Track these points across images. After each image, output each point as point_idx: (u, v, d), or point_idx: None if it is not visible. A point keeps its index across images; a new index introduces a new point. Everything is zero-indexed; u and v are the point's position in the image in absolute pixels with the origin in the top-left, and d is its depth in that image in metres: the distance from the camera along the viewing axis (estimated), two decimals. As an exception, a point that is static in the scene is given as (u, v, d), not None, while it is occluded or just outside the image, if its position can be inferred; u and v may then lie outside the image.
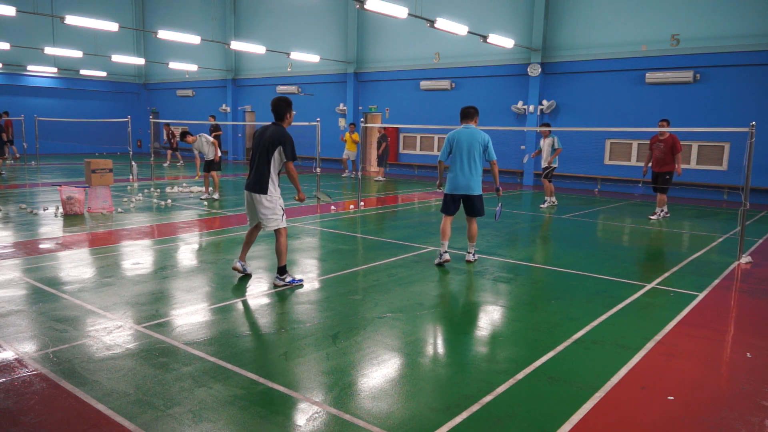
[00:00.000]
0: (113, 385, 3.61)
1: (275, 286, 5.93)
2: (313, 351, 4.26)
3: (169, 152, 23.85)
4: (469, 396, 3.55)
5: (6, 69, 26.81)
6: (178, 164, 23.37)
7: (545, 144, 12.63)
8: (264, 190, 5.80)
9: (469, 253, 7.35)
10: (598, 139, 17.42)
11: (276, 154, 5.75)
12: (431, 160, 21.22)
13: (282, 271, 5.96)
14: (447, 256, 7.07)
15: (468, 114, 7.10)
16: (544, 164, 12.78)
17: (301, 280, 6.11)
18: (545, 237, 9.45)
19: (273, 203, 5.85)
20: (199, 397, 3.47)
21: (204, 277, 6.31)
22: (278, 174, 5.89)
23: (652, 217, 11.36)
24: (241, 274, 6.30)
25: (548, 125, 12.56)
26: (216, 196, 12.83)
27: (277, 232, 5.96)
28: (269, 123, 5.97)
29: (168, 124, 23.70)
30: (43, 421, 3.18)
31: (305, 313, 5.19)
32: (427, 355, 4.25)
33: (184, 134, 12.93)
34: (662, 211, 11.57)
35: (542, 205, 12.79)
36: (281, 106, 5.86)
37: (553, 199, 13.08)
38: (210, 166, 12.70)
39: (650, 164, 11.42)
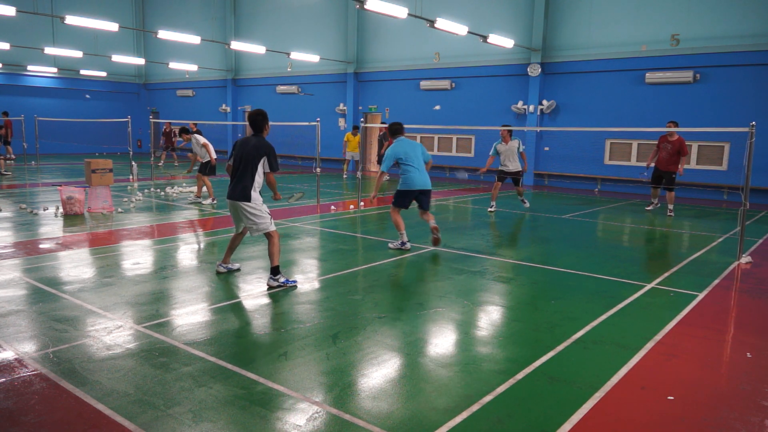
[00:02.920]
0: (113, 385, 3.61)
1: (269, 287, 5.94)
2: (313, 351, 4.26)
3: (164, 153, 23.52)
4: (469, 396, 3.55)
5: (6, 69, 26.81)
6: (175, 164, 23.33)
7: (509, 148, 11.60)
8: (247, 198, 5.88)
9: (433, 225, 7.95)
10: (598, 139, 17.41)
11: (260, 164, 5.88)
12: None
13: (275, 271, 5.97)
14: (408, 245, 7.94)
15: (400, 130, 8.19)
16: (514, 168, 11.69)
17: (295, 282, 6.07)
18: (545, 237, 9.45)
19: (258, 208, 5.94)
20: (199, 397, 3.47)
21: (204, 277, 6.31)
22: (261, 183, 6.01)
23: (670, 214, 11.82)
24: (226, 272, 6.39)
25: (509, 126, 11.68)
26: (206, 201, 12.03)
27: (267, 235, 6.02)
28: (250, 134, 6.07)
29: (169, 123, 23.56)
30: (43, 421, 3.19)
31: (305, 313, 5.19)
32: (427, 355, 4.25)
33: (182, 131, 12.45)
34: (656, 204, 12.51)
35: (501, 206, 12.09)
36: (258, 120, 5.97)
37: (523, 198, 12.33)
38: (204, 169, 11.93)
39: (653, 162, 12.06)
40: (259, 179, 5.93)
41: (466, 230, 9.81)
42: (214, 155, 12.05)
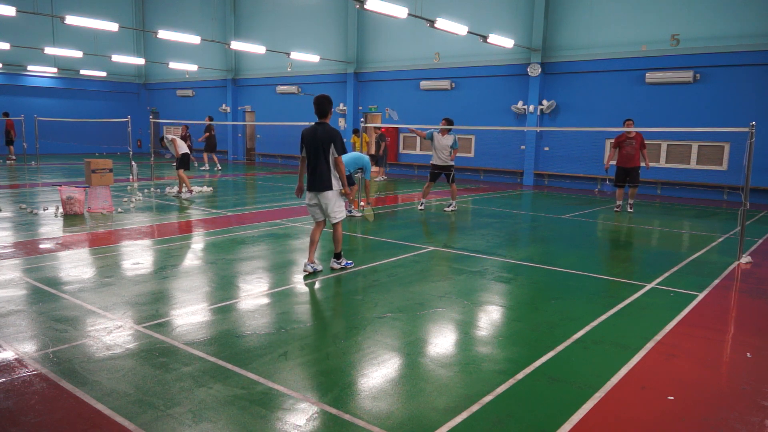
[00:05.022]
0: (113, 385, 3.61)
1: (332, 269, 6.57)
2: (313, 351, 4.26)
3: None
4: (469, 396, 3.55)
5: (6, 69, 26.81)
6: (195, 164, 23.43)
7: (443, 142, 11.49)
8: (330, 187, 6.24)
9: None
10: (597, 139, 17.41)
11: (330, 150, 6.14)
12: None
13: (339, 255, 6.61)
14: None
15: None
16: (437, 162, 11.66)
17: (352, 263, 6.77)
18: (545, 237, 9.45)
19: (338, 197, 6.32)
20: (199, 397, 3.47)
21: (204, 277, 6.31)
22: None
23: (630, 210, 12.04)
24: (312, 272, 6.50)
25: (450, 122, 11.50)
26: (182, 194, 12.88)
27: (336, 223, 6.46)
28: (313, 124, 6.34)
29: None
30: (43, 421, 3.19)
31: (305, 313, 5.19)
32: (427, 355, 4.25)
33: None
34: (621, 205, 12.37)
35: (447, 209, 11.82)
36: (325, 104, 6.24)
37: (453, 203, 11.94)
38: (181, 164, 12.80)
39: (613, 161, 12.13)
40: (334, 166, 6.24)
41: (466, 230, 9.81)
42: (180, 150, 12.78)
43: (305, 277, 6.32)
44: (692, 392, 3.73)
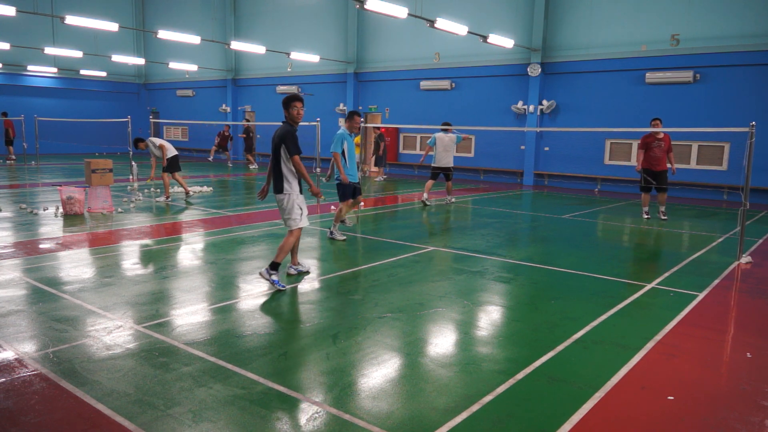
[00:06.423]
0: (113, 385, 3.61)
1: (260, 275, 5.93)
2: (313, 351, 4.26)
3: (227, 153, 23.97)
4: (469, 396, 3.55)
5: (6, 69, 26.80)
6: (229, 164, 23.63)
7: (449, 141, 12.77)
8: (280, 190, 5.91)
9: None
10: (598, 139, 17.41)
11: (282, 152, 5.81)
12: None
13: (274, 266, 5.88)
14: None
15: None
16: (449, 163, 12.74)
17: (284, 287, 5.87)
18: (545, 237, 9.45)
19: (290, 202, 5.91)
20: (199, 397, 3.47)
21: (204, 277, 6.31)
22: (293, 172, 5.91)
23: (665, 218, 11.13)
24: (297, 274, 6.38)
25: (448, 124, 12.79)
26: (162, 199, 12.33)
27: (290, 231, 6.03)
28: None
29: (228, 125, 23.56)
30: (43, 421, 3.19)
31: (305, 313, 5.19)
32: (427, 355, 4.25)
33: (137, 141, 12.94)
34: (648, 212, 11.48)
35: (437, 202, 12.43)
36: (284, 102, 5.91)
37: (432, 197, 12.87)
38: (164, 168, 12.36)
39: (642, 163, 11.15)
40: (286, 168, 5.86)
41: (466, 230, 9.81)
42: (169, 153, 12.31)
43: (288, 278, 6.27)
44: (692, 392, 3.73)
